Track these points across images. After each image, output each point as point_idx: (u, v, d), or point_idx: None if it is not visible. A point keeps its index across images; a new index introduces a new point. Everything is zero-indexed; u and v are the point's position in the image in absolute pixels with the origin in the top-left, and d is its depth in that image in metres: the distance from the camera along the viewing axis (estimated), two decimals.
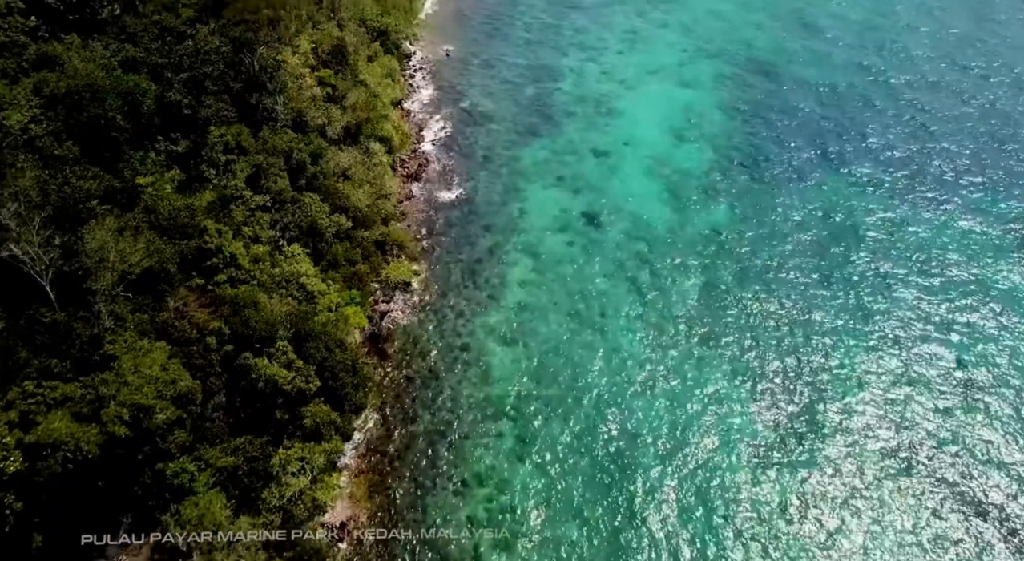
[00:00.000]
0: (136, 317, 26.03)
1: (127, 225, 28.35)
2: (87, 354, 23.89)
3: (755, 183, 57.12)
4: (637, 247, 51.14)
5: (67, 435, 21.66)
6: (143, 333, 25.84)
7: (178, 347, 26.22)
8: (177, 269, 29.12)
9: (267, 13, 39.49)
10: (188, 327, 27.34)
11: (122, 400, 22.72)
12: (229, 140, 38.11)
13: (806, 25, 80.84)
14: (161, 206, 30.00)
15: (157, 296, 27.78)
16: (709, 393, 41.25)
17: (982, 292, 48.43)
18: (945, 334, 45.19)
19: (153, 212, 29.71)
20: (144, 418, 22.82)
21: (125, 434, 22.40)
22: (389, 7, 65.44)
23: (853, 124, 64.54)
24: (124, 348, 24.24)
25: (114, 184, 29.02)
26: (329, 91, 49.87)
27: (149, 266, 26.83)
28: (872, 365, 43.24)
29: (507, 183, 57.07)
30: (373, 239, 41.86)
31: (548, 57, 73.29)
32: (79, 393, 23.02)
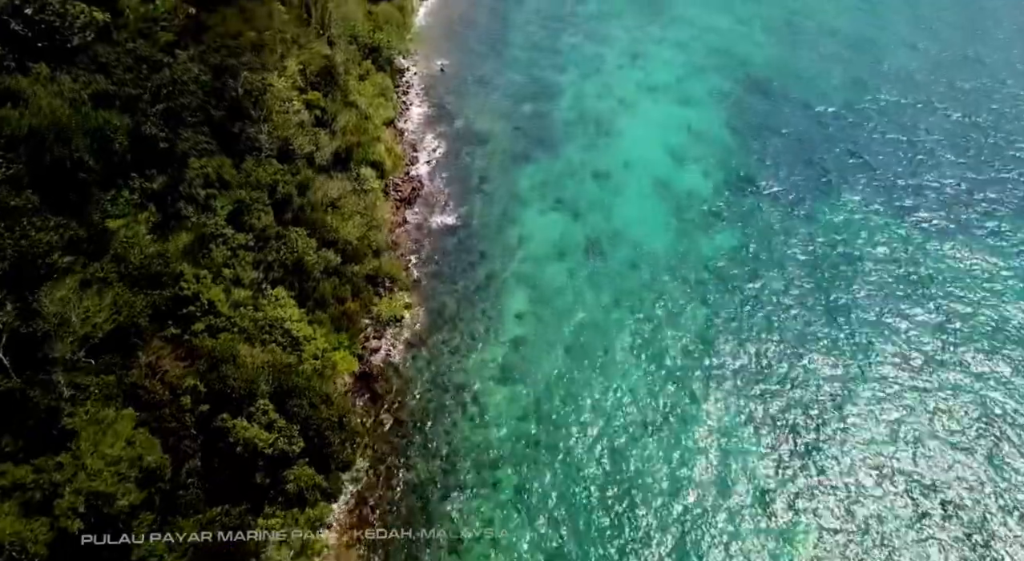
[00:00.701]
0: (101, 380, 23.92)
1: (94, 276, 26.23)
2: (44, 429, 21.81)
3: (757, 206, 55.01)
4: (639, 276, 49.05)
5: (12, 534, 19.48)
6: (109, 397, 23.71)
7: (148, 412, 24.12)
8: (149, 321, 26.99)
9: (250, 37, 37.35)
10: (160, 388, 25.25)
11: (78, 488, 20.55)
12: (210, 173, 35.99)
13: (804, 40, 78.79)
14: (132, 254, 27.82)
15: (127, 352, 25.72)
16: (714, 436, 39.20)
17: (995, 331, 46.44)
18: (961, 378, 43.15)
19: (123, 261, 27.56)
20: (103, 505, 20.74)
21: (79, 528, 20.30)
22: (381, 22, 63.38)
23: (855, 145, 62.28)
24: (85, 421, 22.08)
25: (79, 233, 26.85)
26: (318, 114, 47.74)
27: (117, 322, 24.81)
28: (880, 410, 41.19)
29: (504, 207, 54.98)
30: (364, 274, 39.77)
31: (545, 73, 71.28)
32: (31, 479, 20.83)
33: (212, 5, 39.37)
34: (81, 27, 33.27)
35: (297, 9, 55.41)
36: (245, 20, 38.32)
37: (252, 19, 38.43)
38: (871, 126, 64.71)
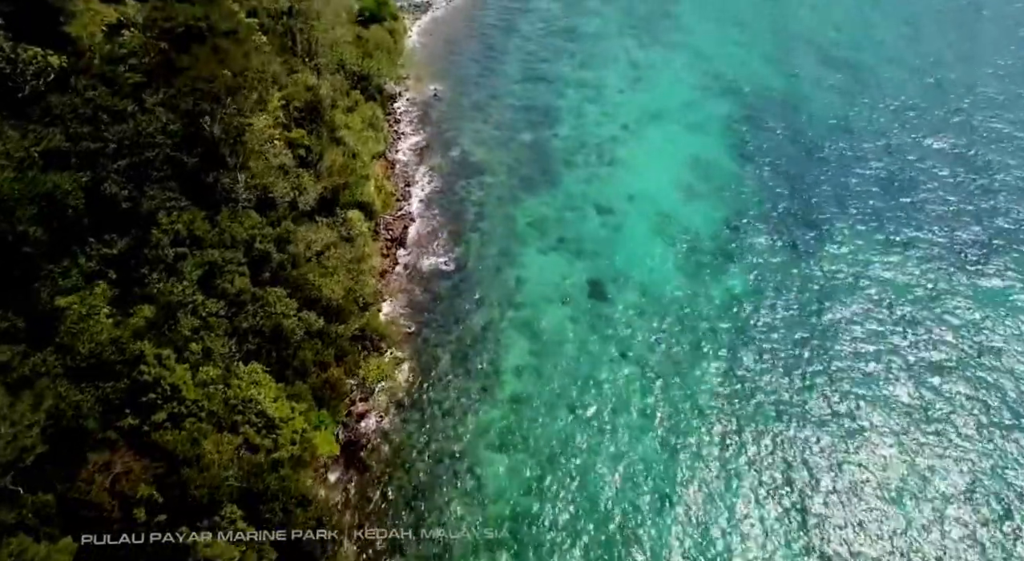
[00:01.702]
0: (39, 499, 20.70)
1: (34, 371, 22.99)
2: None
3: (771, 245, 51.71)
4: (647, 324, 45.74)
5: None
6: (46, 519, 20.42)
7: (93, 534, 20.96)
8: (103, 414, 23.79)
9: (226, 79, 34.17)
10: (108, 501, 22.04)
11: None
12: (180, 229, 32.69)
13: (810, 64, 75.81)
14: (81, 342, 24.60)
15: (72, 461, 22.51)
16: (732, 513, 35.82)
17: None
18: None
19: (70, 351, 24.35)
20: None
21: None
22: (371, 47, 60.23)
23: (876, 177, 58.80)
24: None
25: (17, 324, 23.67)
26: (302, 154, 44.50)
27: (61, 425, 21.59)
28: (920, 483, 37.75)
29: (502, 246, 51.70)
30: (349, 334, 36.52)
31: (544, 97, 68.15)
32: None
33: (184, 44, 36.20)
34: (34, 74, 30.06)
35: (281, 38, 52.33)
36: (220, 60, 35.10)
37: (228, 59, 35.21)
38: (894, 157, 61.46)
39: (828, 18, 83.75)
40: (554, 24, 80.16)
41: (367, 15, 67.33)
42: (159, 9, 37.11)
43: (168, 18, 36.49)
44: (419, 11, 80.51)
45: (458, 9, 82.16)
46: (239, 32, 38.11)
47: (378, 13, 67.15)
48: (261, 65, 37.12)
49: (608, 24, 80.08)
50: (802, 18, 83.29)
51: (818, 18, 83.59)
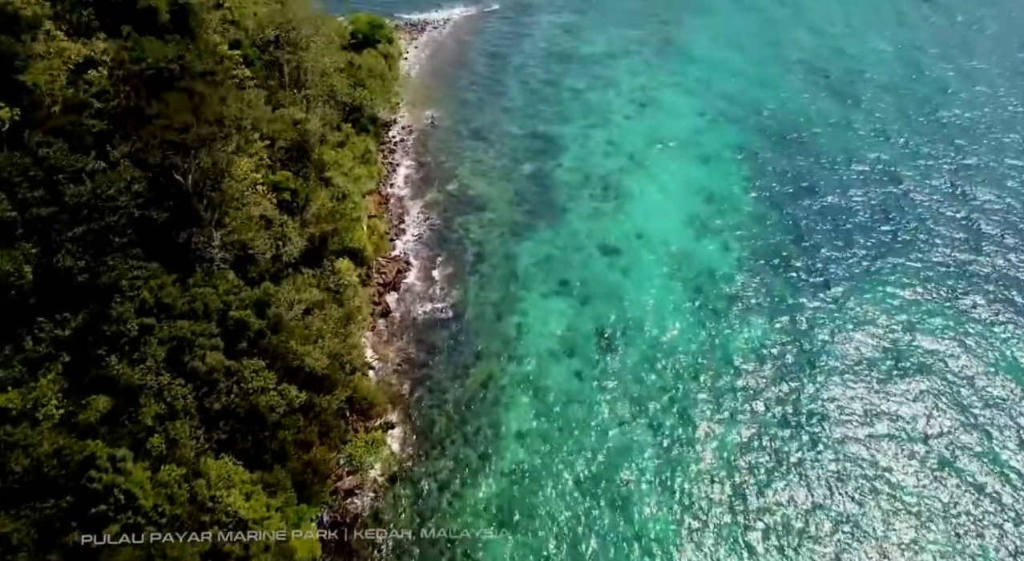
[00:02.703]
0: None
1: None
2: None
3: (790, 290, 48.15)
4: (659, 380, 42.38)
5: None
6: None
7: None
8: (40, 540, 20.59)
9: (200, 130, 31.01)
10: None
11: None
12: (146, 298, 29.54)
13: (826, 85, 72.55)
14: (15, 459, 21.38)
15: None
16: None
17: None
18: None
19: (1, 471, 21.13)
20: None
21: None
22: (364, 74, 57.03)
23: (889, 213, 54.80)
24: None
25: None
26: (287, 198, 41.35)
27: None
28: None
29: (502, 291, 48.40)
30: (335, 407, 33.27)
31: (547, 124, 64.89)
32: None
33: (155, 89, 33.08)
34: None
35: (266, 70, 49.21)
36: (194, 107, 31.96)
37: (203, 105, 32.05)
38: (905, 189, 58.09)
39: (832, 41, 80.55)
40: (556, 45, 77.00)
41: (360, 38, 64.22)
42: (127, 49, 33.97)
43: (137, 59, 33.35)
44: (416, 30, 77.47)
45: (457, 28, 79.08)
46: (216, 73, 34.93)
47: (372, 36, 63.99)
48: (239, 111, 33.90)
49: (612, 44, 76.90)
50: (805, 40, 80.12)
51: (822, 41, 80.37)
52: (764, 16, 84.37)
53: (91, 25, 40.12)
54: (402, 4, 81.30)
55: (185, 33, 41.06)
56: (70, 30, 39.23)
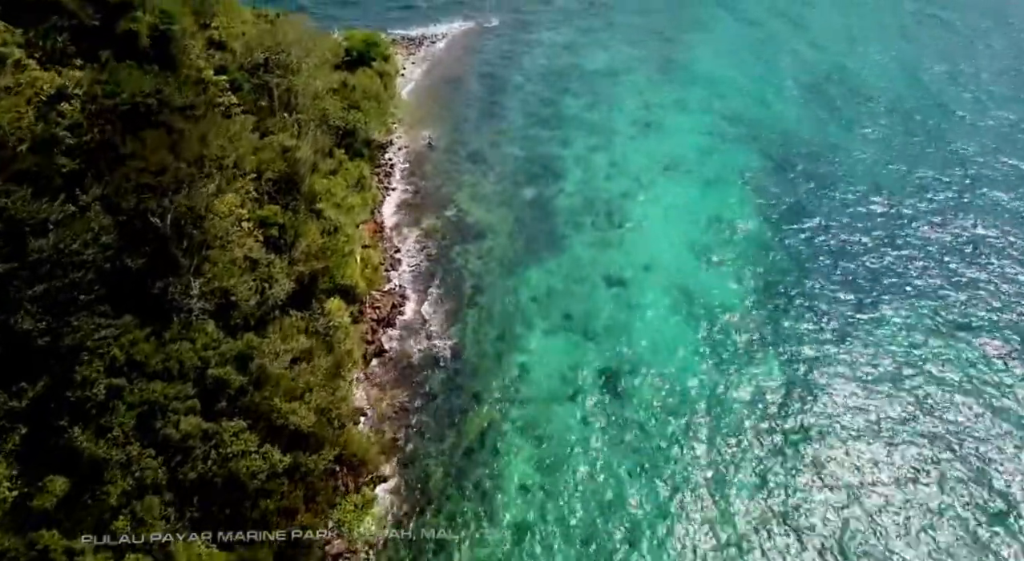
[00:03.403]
0: None
1: None
2: None
3: (800, 328, 45.46)
4: (667, 428, 39.93)
5: None
6: None
7: None
8: None
9: (179, 172, 28.74)
10: None
11: None
12: (116, 355, 27.26)
13: (838, 105, 70.22)
14: None
15: None
16: None
17: None
18: None
19: None
20: None
21: None
22: (358, 97, 54.78)
23: (907, 245, 52.07)
24: None
25: None
26: (275, 234, 39.10)
27: None
28: None
29: (503, 327, 46.02)
30: (322, 467, 30.92)
31: (548, 145, 62.65)
32: None
33: (130, 125, 30.82)
34: None
35: (255, 94, 46.95)
36: (172, 145, 29.70)
37: (182, 143, 29.79)
38: (913, 218, 55.65)
39: (835, 58, 78.38)
40: (558, 59, 74.80)
41: (355, 55, 62.00)
42: (101, 82, 31.70)
43: (111, 93, 31.08)
44: (413, 45, 75.23)
45: (456, 43, 76.85)
46: (197, 107, 32.64)
47: (367, 54, 61.78)
48: (221, 149, 31.60)
49: (615, 59, 74.71)
50: (808, 57, 77.95)
51: (825, 57, 78.18)
52: (766, 31, 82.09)
53: (66, 51, 37.83)
54: (399, 19, 79.21)
55: (166, 60, 38.79)
56: (43, 57, 36.98)
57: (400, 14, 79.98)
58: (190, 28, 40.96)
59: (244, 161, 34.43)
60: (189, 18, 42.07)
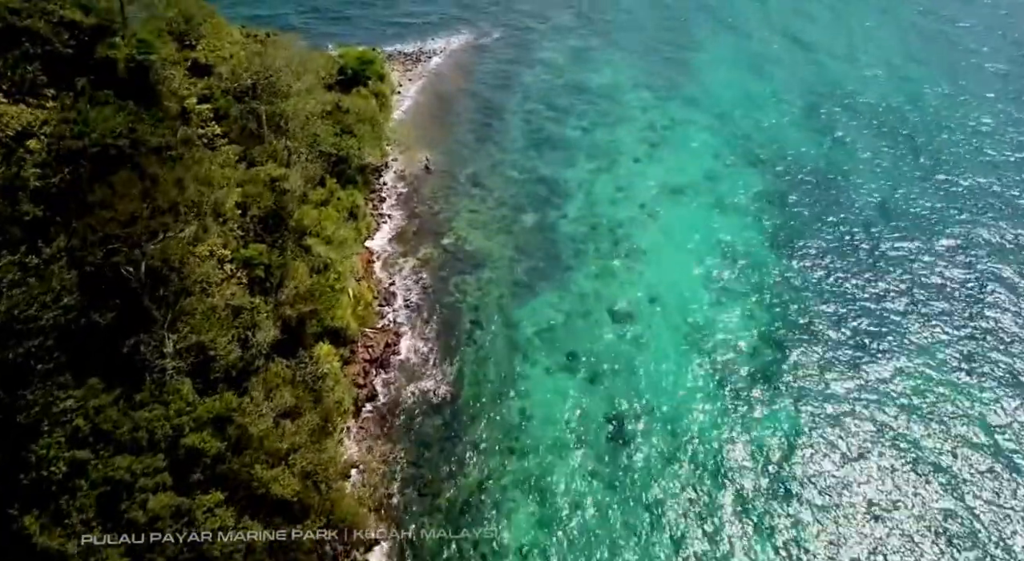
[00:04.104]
0: None
1: None
2: None
3: (818, 369, 42.81)
4: (682, 481, 37.30)
5: None
6: None
7: None
8: None
9: (151, 221, 26.40)
10: None
11: None
12: (81, 426, 24.97)
13: (854, 123, 68.08)
14: None
15: None
16: None
17: None
18: None
19: None
20: None
21: None
22: (351, 120, 52.39)
23: (931, 278, 49.68)
24: None
25: None
26: (260, 275, 36.79)
27: None
28: None
29: (502, 366, 43.59)
30: (307, 540, 28.59)
31: (551, 166, 60.21)
32: None
33: (102, 167, 28.50)
34: None
35: (243, 121, 44.63)
36: (145, 192, 27.38)
37: (156, 189, 27.47)
38: (938, 251, 52.95)
39: (852, 74, 75.98)
40: (560, 76, 72.40)
41: (349, 74, 59.66)
42: (68, 122, 29.38)
43: (79, 134, 28.77)
44: (411, 61, 72.86)
45: (455, 59, 74.46)
46: (174, 147, 30.31)
47: (361, 73, 59.44)
48: (198, 194, 29.26)
49: (620, 76, 72.31)
50: (823, 74, 75.52)
51: (840, 75, 75.69)
52: (769, 48, 79.20)
53: (37, 81, 35.47)
54: (395, 34, 76.86)
55: (145, 90, 36.47)
56: (12, 88, 34.67)
57: (396, 29, 77.62)
58: (170, 56, 38.59)
59: (226, 204, 32.00)
60: (169, 46, 39.75)
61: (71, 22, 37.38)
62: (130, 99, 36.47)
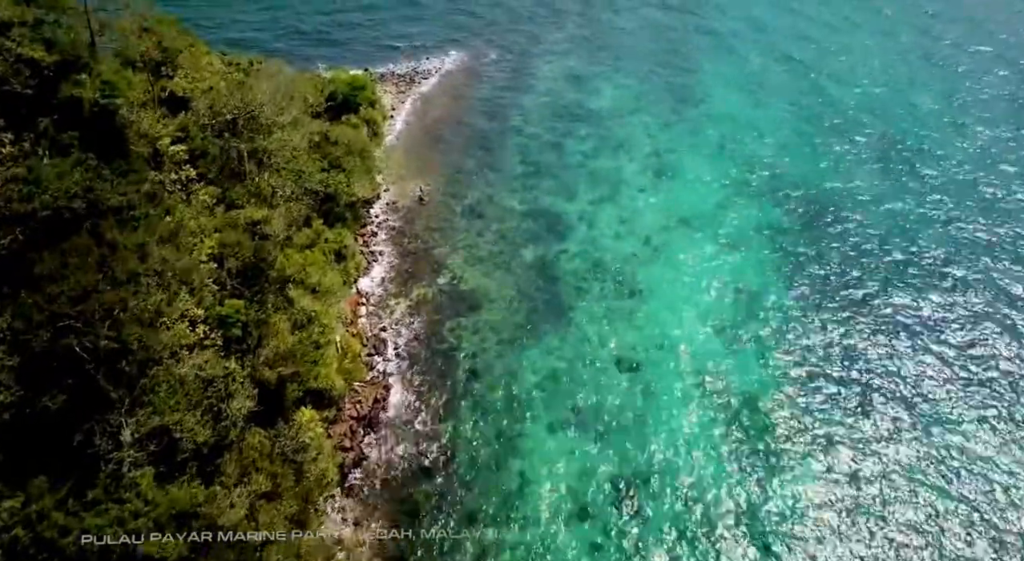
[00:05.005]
0: None
1: None
2: None
3: (843, 425, 39.76)
4: (693, 555, 34.89)
5: None
6: None
7: None
8: None
9: (106, 296, 23.39)
10: None
11: None
12: (20, 536, 21.94)
13: (874, 149, 65.25)
14: None
15: None
16: None
17: None
18: None
19: None
20: None
21: None
22: (340, 152, 49.42)
23: (963, 324, 47.18)
24: None
25: None
26: (237, 334, 33.75)
27: None
28: None
29: (501, 423, 40.51)
30: None
31: (550, 196, 57.22)
32: None
33: (54, 233, 25.48)
34: None
35: (221, 159, 41.63)
36: (101, 260, 24.38)
37: (114, 258, 24.47)
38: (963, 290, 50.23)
39: (864, 92, 73.33)
40: (560, 98, 69.48)
41: (339, 100, 56.77)
42: (17, 180, 26.34)
43: (29, 195, 25.74)
44: (404, 83, 69.92)
45: (450, 80, 71.49)
46: (136, 206, 27.27)
47: (352, 99, 56.55)
48: (162, 262, 26.21)
49: (620, 99, 69.39)
50: (833, 93, 72.75)
51: (851, 93, 73.09)
52: (779, 67, 76.51)
53: None
54: (388, 54, 73.88)
55: (112, 135, 33.45)
56: None
57: (389, 50, 74.66)
58: (138, 99, 35.54)
59: (194, 273, 28.90)
60: (143, 83, 36.72)
61: (31, 60, 34.40)
62: (96, 142, 33.58)
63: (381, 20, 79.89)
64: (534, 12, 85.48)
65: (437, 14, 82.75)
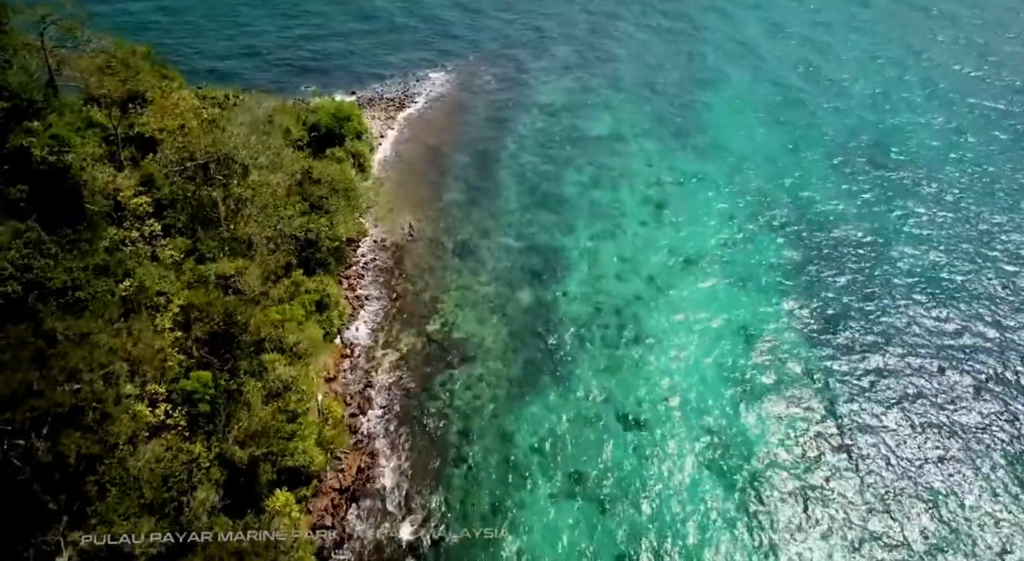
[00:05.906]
0: None
1: None
2: None
3: (861, 494, 36.69)
4: None
5: None
6: None
7: None
8: None
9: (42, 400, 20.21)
10: None
11: None
12: None
13: (880, 184, 62.56)
14: None
15: None
16: None
17: None
18: None
19: None
20: None
21: None
22: (325, 191, 46.35)
23: (982, 376, 44.07)
24: None
25: None
26: (205, 411, 30.60)
27: None
28: None
29: (495, 493, 37.23)
30: None
31: (548, 232, 54.07)
32: None
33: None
34: None
35: (191, 207, 38.44)
36: (39, 355, 21.10)
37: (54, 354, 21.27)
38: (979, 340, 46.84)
39: (875, 118, 70.57)
40: (557, 123, 66.53)
41: (323, 132, 53.70)
42: None
43: None
44: (393, 107, 66.80)
45: (441, 103, 68.44)
46: (83, 286, 24.08)
47: (337, 130, 53.47)
48: (108, 357, 23.07)
49: (621, 123, 66.50)
50: (844, 118, 70.00)
51: (862, 119, 70.19)
52: (796, 85, 74.04)
53: None
54: (377, 74, 70.91)
55: (64, 192, 30.33)
56: None
57: (376, 73, 71.57)
58: (94, 153, 32.34)
59: (148, 363, 25.76)
60: (93, 141, 33.29)
61: None
62: (48, 196, 30.52)
63: (369, 44, 76.88)
64: (524, 35, 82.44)
65: (424, 38, 79.72)
